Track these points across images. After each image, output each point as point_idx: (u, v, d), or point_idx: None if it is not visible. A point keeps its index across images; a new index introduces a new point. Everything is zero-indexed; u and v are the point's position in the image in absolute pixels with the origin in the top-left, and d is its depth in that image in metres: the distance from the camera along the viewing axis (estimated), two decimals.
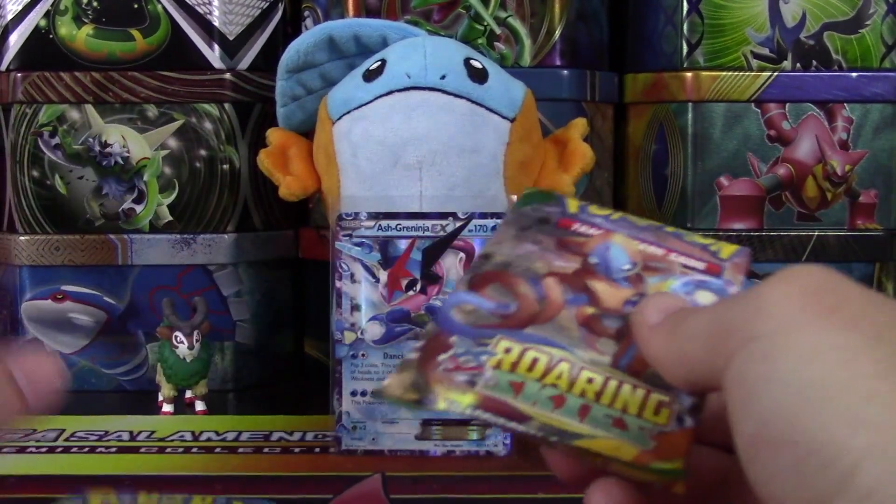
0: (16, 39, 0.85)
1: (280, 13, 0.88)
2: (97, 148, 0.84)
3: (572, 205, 0.40)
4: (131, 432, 0.72)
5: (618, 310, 0.36)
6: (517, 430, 0.32)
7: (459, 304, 0.36)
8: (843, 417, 0.25)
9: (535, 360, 0.34)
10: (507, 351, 0.34)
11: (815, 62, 0.84)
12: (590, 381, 0.34)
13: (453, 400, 0.33)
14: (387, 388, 0.33)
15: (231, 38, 0.85)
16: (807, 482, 0.26)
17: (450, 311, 0.36)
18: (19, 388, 0.35)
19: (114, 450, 0.69)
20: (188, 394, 0.79)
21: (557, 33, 0.83)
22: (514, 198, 0.67)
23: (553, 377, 0.34)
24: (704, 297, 0.37)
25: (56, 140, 0.84)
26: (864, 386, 0.26)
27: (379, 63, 0.70)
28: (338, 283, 0.67)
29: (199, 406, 0.78)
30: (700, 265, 0.38)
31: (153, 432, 0.72)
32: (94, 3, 0.84)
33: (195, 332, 0.76)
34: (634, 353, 0.34)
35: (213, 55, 0.85)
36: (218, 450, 0.69)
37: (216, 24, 0.85)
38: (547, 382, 0.33)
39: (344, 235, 0.67)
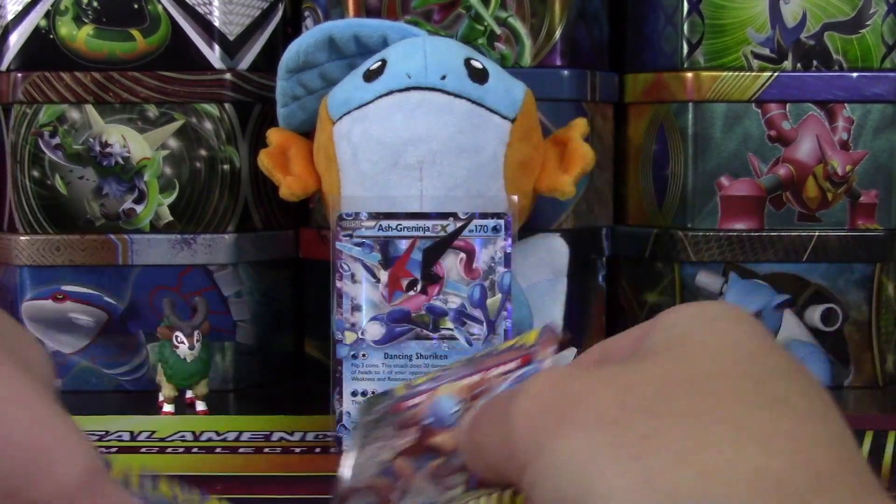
0: (16, 39, 0.85)
1: (280, 13, 0.88)
2: (97, 148, 0.84)
3: (399, 389, 0.41)
4: (132, 432, 0.72)
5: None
6: None
7: None
8: None
9: None
10: None
11: (815, 62, 0.84)
12: None
13: None
14: None
15: (231, 38, 0.85)
16: None
17: None
18: None
19: (114, 450, 0.69)
20: (189, 394, 0.79)
21: (557, 33, 0.83)
22: (515, 198, 0.67)
23: None
24: None
25: (56, 140, 0.84)
26: (607, 479, 0.27)
27: (379, 63, 0.70)
28: (338, 284, 0.67)
29: (200, 406, 0.78)
30: (514, 364, 0.39)
31: (153, 432, 0.72)
32: (94, 3, 0.84)
33: (195, 332, 0.76)
34: None
35: (213, 55, 0.85)
36: (218, 450, 0.69)
37: (216, 24, 0.85)
38: None
39: (344, 235, 0.67)
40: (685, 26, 0.84)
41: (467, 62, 0.70)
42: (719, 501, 0.25)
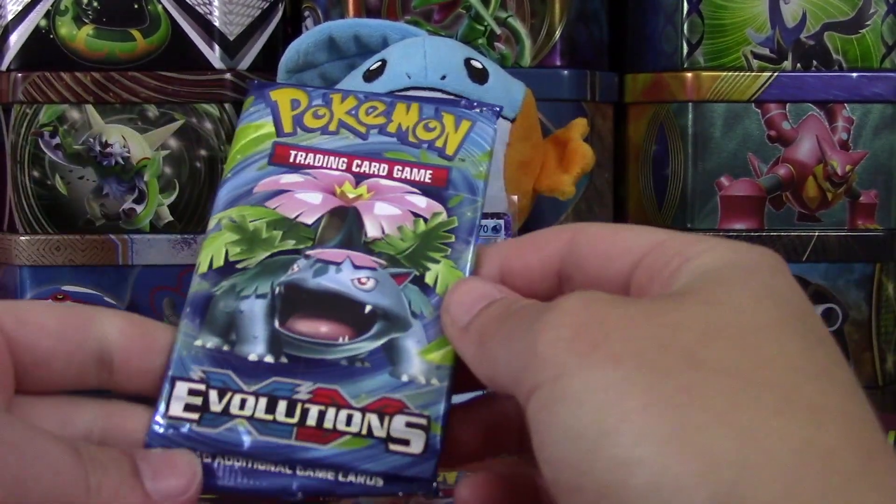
0: (16, 39, 0.85)
1: (280, 13, 0.88)
2: (97, 148, 0.84)
3: None
4: None
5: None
6: None
7: None
8: (618, 460, 0.25)
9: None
10: None
11: (815, 62, 0.84)
12: None
13: None
14: None
15: (231, 39, 0.85)
16: None
17: None
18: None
19: None
20: None
21: (557, 33, 0.83)
22: (515, 198, 0.66)
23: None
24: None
25: (56, 140, 0.84)
26: (635, 425, 0.25)
27: (379, 63, 0.70)
28: None
29: None
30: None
31: None
32: (95, 3, 0.84)
33: None
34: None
35: (213, 55, 0.85)
36: None
37: (216, 24, 0.85)
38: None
39: None
40: (685, 26, 0.84)
41: (467, 62, 0.70)
42: (759, 470, 0.23)
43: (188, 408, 0.33)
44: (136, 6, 0.84)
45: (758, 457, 0.24)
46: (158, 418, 0.33)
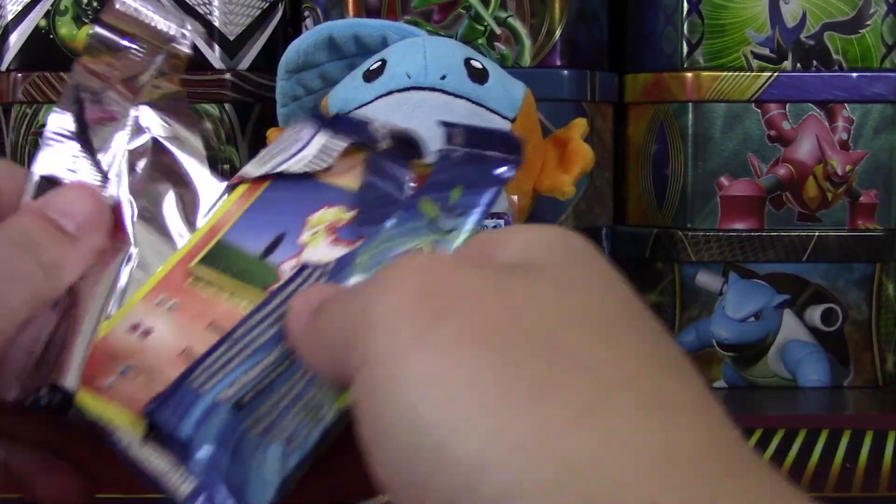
0: (16, 39, 0.85)
1: (280, 13, 0.88)
2: None
3: None
4: None
5: None
6: None
7: None
8: (466, 463, 0.22)
9: None
10: None
11: (815, 62, 0.84)
12: None
13: None
14: None
15: (231, 39, 0.85)
16: None
17: None
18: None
19: None
20: None
21: (557, 33, 0.83)
22: (515, 198, 0.67)
23: None
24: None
25: None
26: (487, 422, 0.22)
27: (379, 63, 0.70)
28: None
29: None
30: None
31: None
32: (94, 3, 0.84)
33: None
34: None
35: (213, 55, 0.85)
36: None
37: (216, 24, 0.85)
38: None
39: None
40: (685, 26, 0.84)
41: (467, 62, 0.70)
42: (623, 476, 0.21)
43: None
44: None
45: (621, 462, 0.21)
46: None
